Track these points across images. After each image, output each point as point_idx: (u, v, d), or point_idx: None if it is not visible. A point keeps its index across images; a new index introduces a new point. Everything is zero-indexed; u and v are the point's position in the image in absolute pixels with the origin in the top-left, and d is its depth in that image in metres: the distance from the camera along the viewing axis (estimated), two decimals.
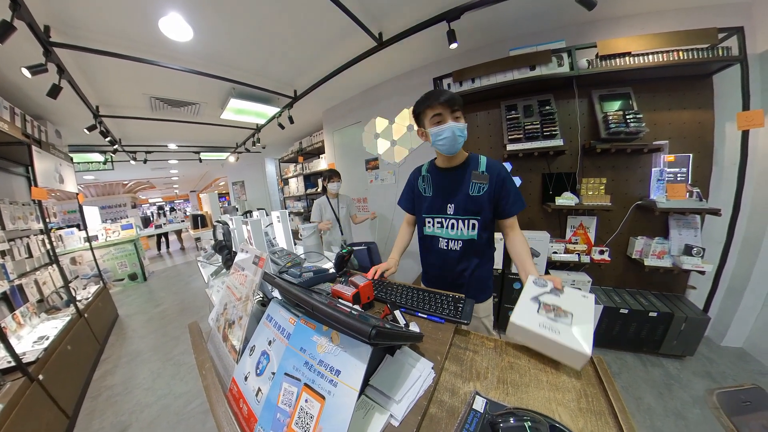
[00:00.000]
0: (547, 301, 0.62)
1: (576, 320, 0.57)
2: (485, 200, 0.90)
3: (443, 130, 0.85)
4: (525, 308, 0.61)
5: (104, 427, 1.56)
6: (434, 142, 0.89)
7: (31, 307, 1.87)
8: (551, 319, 0.57)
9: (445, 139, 0.86)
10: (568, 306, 0.60)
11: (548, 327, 0.55)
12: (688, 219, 1.67)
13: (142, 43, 1.64)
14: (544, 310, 0.60)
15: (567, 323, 0.56)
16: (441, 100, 0.84)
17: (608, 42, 1.59)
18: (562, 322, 0.56)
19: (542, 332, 0.54)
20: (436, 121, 0.86)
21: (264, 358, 0.52)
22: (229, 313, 0.69)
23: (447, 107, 0.84)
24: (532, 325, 0.56)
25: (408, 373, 0.51)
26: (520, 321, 0.58)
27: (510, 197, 0.90)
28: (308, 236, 1.51)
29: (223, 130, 3.58)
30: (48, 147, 2.20)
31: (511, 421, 0.39)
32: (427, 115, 0.87)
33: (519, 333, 0.59)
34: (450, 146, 0.87)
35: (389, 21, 1.67)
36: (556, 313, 0.59)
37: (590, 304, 0.62)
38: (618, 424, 0.45)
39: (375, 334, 0.34)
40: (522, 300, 0.63)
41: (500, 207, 0.91)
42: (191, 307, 3.24)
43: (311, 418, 0.39)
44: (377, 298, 0.83)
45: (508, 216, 0.92)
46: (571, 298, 0.64)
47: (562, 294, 0.64)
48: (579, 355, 0.51)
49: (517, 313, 0.60)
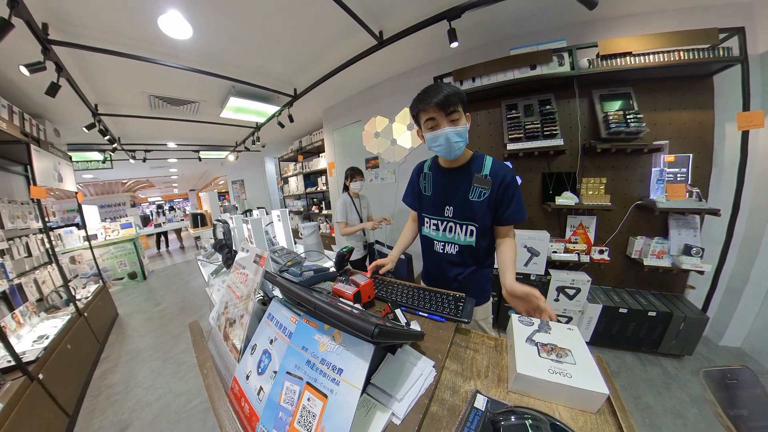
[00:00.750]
0: (542, 341, 0.57)
1: (578, 357, 0.52)
2: (485, 207, 0.84)
3: (437, 137, 0.77)
4: (526, 354, 0.53)
5: (105, 426, 1.56)
6: (430, 147, 0.83)
7: (30, 306, 1.86)
8: (556, 362, 0.51)
9: (440, 147, 0.79)
10: (563, 343, 0.56)
11: (558, 371, 0.49)
12: (687, 219, 1.68)
13: (141, 41, 1.64)
14: (545, 351, 0.54)
15: (571, 363, 0.51)
16: (433, 102, 0.74)
17: (609, 42, 1.58)
18: (567, 362, 0.51)
19: (555, 379, 0.48)
20: (429, 126, 0.78)
21: (265, 357, 0.52)
22: (230, 311, 0.69)
23: (440, 110, 0.74)
24: (542, 374, 0.49)
25: (409, 372, 0.51)
26: (529, 371, 0.49)
27: (511, 206, 0.83)
28: (308, 235, 1.51)
29: (223, 128, 3.57)
30: (47, 146, 2.19)
31: (512, 419, 0.39)
32: (421, 118, 0.80)
33: (529, 384, 0.50)
34: (447, 153, 0.80)
35: (390, 19, 1.66)
36: (557, 353, 0.53)
37: (579, 336, 0.59)
38: (617, 423, 0.45)
39: (378, 333, 0.35)
40: (518, 345, 0.56)
41: (498, 213, 0.85)
42: (191, 306, 3.24)
43: (314, 417, 0.40)
44: (378, 297, 0.83)
45: (505, 224, 0.86)
46: (561, 333, 0.60)
47: (551, 330, 0.60)
48: (597, 396, 0.46)
49: (522, 363, 0.51)
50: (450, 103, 0.74)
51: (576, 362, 0.51)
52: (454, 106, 0.74)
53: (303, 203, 4.85)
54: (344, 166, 3.35)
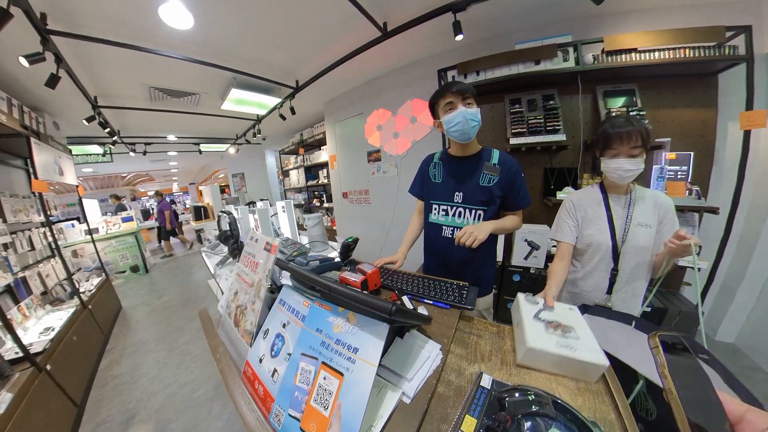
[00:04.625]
0: (548, 319, 0.62)
1: (580, 333, 0.57)
2: (495, 191, 0.92)
3: (455, 116, 0.88)
4: (534, 330, 0.59)
5: (112, 415, 1.60)
6: (448, 130, 0.92)
7: (35, 299, 1.88)
8: (562, 337, 0.56)
9: (457, 125, 0.89)
10: (566, 320, 0.61)
11: (564, 345, 0.54)
12: (686, 217, 1.69)
13: (141, 31, 1.61)
14: (551, 328, 0.59)
15: (576, 338, 0.56)
16: (452, 90, 0.89)
17: (615, 37, 1.57)
18: (572, 337, 0.56)
19: (562, 352, 0.52)
20: (448, 109, 0.90)
21: (279, 340, 0.54)
22: (240, 299, 0.70)
23: (458, 95, 0.88)
24: (549, 347, 0.54)
25: (418, 354, 0.53)
26: (538, 345, 0.54)
27: (519, 193, 0.94)
28: (313, 226, 1.52)
29: (224, 121, 3.54)
30: (47, 139, 2.18)
31: (516, 395, 0.41)
32: (440, 104, 0.92)
33: (538, 357, 0.54)
34: (463, 132, 0.89)
35: (394, 10, 1.64)
36: (562, 329, 0.59)
37: (579, 315, 0.65)
38: (614, 402, 0.47)
39: (395, 311, 0.36)
40: (526, 321, 0.61)
41: (509, 200, 0.95)
42: (194, 298, 3.27)
43: (330, 394, 0.42)
44: (384, 286, 0.85)
45: (514, 210, 0.97)
46: (563, 312, 0.65)
47: (554, 309, 0.66)
48: (597, 368, 0.51)
49: (531, 338, 0.56)
50: (466, 91, 0.89)
51: (579, 337, 0.56)
52: (469, 94, 0.89)
53: (304, 196, 4.86)
54: (346, 159, 3.35)
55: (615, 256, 0.90)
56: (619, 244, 0.89)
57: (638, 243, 0.87)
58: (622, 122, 0.84)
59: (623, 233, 0.89)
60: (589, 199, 0.96)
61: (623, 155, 0.83)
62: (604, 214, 0.92)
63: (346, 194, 3.51)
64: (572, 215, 0.97)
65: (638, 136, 0.81)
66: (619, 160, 0.83)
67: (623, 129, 0.82)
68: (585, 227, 0.94)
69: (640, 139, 0.81)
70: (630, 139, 0.81)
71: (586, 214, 0.95)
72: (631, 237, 0.88)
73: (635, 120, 0.84)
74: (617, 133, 0.82)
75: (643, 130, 0.81)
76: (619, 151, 0.83)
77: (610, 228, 0.90)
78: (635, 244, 0.87)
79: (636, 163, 0.82)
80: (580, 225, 0.96)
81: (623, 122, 0.83)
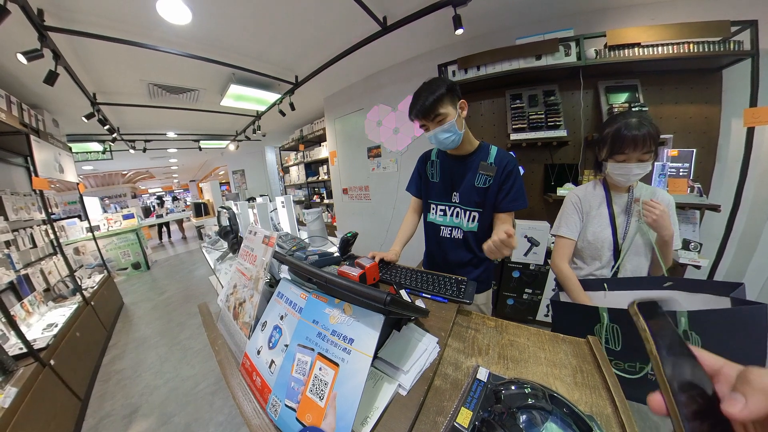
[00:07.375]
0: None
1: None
2: (490, 193, 0.88)
3: (430, 137, 0.85)
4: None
5: (116, 409, 1.62)
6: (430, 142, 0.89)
7: (38, 295, 1.90)
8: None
9: (435, 143, 0.87)
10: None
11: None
12: (687, 214, 1.68)
13: (139, 27, 1.60)
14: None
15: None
16: (414, 113, 0.82)
17: (618, 32, 1.55)
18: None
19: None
20: (422, 129, 0.86)
21: (276, 332, 0.55)
22: (239, 292, 0.71)
23: (423, 118, 0.82)
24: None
25: (415, 347, 0.54)
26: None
27: (510, 192, 0.85)
28: (313, 221, 1.52)
29: (223, 117, 3.53)
30: (46, 136, 2.18)
31: (513, 388, 0.41)
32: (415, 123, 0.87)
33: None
34: (443, 147, 0.88)
35: (394, 4, 1.62)
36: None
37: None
38: (611, 397, 0.47)
39: (390, 301, 0.36)
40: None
41: (497, 200, 0.87)
42: (195, 294, 3.30)
43: (326, 385, 0.42)
44: (382, 280, 0.85)
45: (502, 211, 0.87)
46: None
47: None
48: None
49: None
50: (431, 110, 0.79)
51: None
52: (436, 110, 0.79)
53: (304, 193, 4.86)
54: (346, 155, 3.34)
55: (616, 254, 0.90)
56: (620, 242, 0.88)
57: (639, 240, 0.86)
58: (636, 123, 0.77)
59: (624, 231, 0.88)
60: (593, 196, 0.94)
61: (633, 161, 0.79)
62: (606, 211, 0.90)
63: (346, 190, 3.51)
64: (578, 210, 0.95)
65: (651, 140, 0.76)
66: (629, 165, 0.79)
67: (639, 132, 0.76)
68: (588, 224, 0.93)
69: (652, 143, 0.76)
70: (644, 144, 0.76)
71: (590, 210, 0.93)
72: (632, 235, 0.87)
73: (648, 121, 0.78)
74: (632, 137, 0.76)
75: (656, 132, 0.77)
76: (630, 156, 0.78)
77: (612, 226, 0.89)
78: (636, 242, 0.87)
79: (645, 167, 0.78)
80: (584, 221, 0.94)
81: (637, 123, 0.77)
